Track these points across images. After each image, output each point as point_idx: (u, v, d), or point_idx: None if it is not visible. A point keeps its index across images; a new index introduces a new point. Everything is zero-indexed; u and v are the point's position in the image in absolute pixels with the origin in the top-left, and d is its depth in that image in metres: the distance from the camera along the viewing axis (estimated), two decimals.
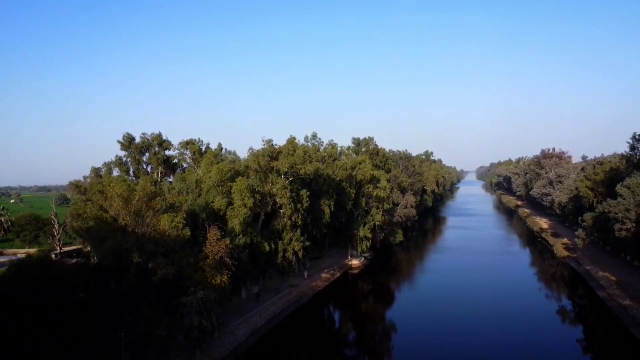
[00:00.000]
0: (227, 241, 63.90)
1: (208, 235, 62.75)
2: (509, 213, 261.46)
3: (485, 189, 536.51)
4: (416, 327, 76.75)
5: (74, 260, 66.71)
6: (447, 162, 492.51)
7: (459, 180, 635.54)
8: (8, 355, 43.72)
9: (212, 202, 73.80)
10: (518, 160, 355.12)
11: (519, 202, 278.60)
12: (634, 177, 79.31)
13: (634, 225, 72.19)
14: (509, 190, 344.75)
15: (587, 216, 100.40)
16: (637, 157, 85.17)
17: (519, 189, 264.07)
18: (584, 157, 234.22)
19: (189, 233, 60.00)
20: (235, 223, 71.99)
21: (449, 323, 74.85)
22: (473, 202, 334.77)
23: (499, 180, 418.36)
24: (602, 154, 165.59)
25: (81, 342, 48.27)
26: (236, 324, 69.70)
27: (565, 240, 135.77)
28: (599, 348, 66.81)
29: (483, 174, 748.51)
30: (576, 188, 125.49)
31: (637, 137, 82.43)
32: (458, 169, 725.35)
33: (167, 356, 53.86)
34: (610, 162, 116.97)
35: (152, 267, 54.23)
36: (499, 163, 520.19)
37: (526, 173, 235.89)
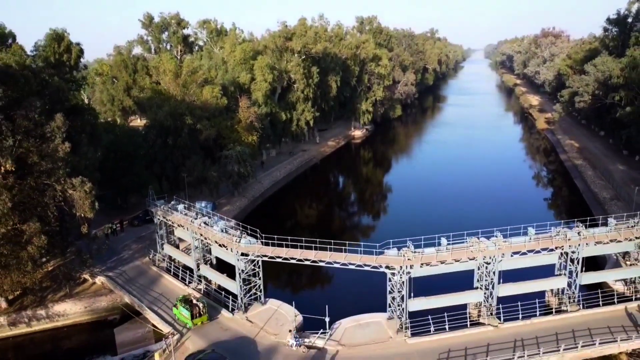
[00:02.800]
0: (255, 109, 79.02)
1: (240, 103, 77.55)
2: (507, 92, 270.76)
3: (491, 67, 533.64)
4: (410, 188, 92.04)
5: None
6: (454, 40, 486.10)
7: (464, 59, 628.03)
8: (111, 187, 61.31)
9: (238, 77, 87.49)
10: (523, 39, 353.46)
11: (518, 81, 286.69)
12: (601, 57, 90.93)
13: (590, 97, 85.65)
14: (511, 69, 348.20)
15: (565, 92, 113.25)
16: (609, 39, 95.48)
17: (518, 67, 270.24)
18: (590, 35, 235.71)
19: (225, 102, 74.73)
20: (258, 95, 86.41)
21: (440, 186, 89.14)
22: (475, 81, 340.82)
23: (503, 59, 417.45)
24: (591, 33, 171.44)
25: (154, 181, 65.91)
26: (262, 176, 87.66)
27: (548, 115, 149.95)
28: (558, 201, 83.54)
29: (490, 52, 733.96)
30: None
31: (610, 20, 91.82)
32: (465, 47, 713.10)
33: (217, 194, 71.83)
34: (593, 42, 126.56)
35: (199, 128, 69.70)
36: (506, 41, 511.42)
37: (526, 52, 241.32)
